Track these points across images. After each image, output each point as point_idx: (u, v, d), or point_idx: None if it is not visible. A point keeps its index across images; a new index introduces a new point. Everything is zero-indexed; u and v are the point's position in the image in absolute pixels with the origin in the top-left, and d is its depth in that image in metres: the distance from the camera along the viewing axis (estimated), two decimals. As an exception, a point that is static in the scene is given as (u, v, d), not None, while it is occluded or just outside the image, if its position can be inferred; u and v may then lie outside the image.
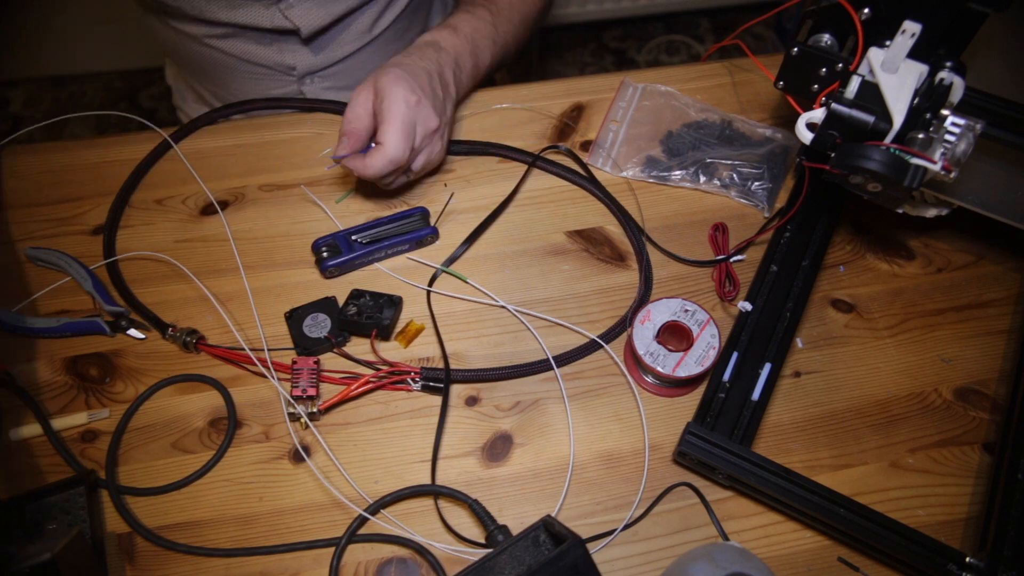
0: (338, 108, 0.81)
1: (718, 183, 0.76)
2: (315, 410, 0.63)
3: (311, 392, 0.63)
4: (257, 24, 0.84)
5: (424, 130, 0.69)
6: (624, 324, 0.68)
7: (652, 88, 0.82)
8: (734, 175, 0.76)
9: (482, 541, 0.59)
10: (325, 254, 0.71)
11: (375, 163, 0.67)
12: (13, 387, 0.65)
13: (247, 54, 0.89)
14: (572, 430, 0.64)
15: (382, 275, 0.72)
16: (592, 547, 0.59)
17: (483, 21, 0.79)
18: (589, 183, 0.76)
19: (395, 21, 0.96)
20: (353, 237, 0.71)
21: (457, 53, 0.76)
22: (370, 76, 0.69)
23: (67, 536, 0.53)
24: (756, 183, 0.76)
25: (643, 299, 0.70)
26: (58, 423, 0.64)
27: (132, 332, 0.68)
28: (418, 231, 0.72)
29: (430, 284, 0.71)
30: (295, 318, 0.67)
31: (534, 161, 0.77)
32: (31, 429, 0.63)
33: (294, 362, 0.64)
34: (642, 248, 0.72)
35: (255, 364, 0.65)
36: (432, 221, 0.74)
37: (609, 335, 0.68)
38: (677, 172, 0.76)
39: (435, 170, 0.77)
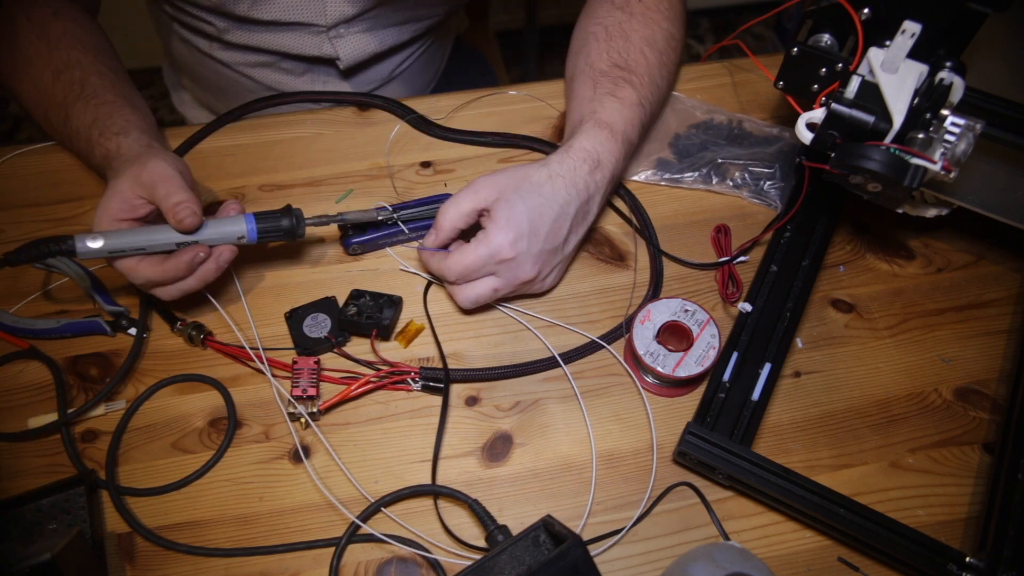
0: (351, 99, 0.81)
1: (731, 183, 0.76)
2: (315, 410, 0.63)
3: (311, 392, 0.63)
4: (300, 52, 0.84)
5: (509, 280, 0.64)
6: (628, 325, 0.68)
7: (656, 91, 0.82)
8: (746, 175, 0.76)
9: (482, 541, 0.59)
10: (350, 231, 0.71)
11: (441, 269, 0.65)
12: (42, 358, 0.66)
13: (276, 83, 0.89)
14: (590, 426, 0.64)
15: (382, 275, 0.72)
16: (595, 548, 0.59)
17: (633, 107, 0.69)
18: (620, 188, 0.76)
19: (423, 53, 0.96)
20: (379, 217, 0.71)
21: (615, 166, 0.67)
22: (490, 180, 0.64)
23: (67, 536, 0.53)
24: (768, 182, 0.76)
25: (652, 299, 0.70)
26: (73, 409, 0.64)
27: (132, 331, 0.68)
28: None
29: (427, 288, 0.71)
30: (295, 318, 0.67)
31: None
32: (47, 419, 0.64)
33: (294, 362, 0.64)
34: (658, 257, 0.72)
35: (259, 362, 0.65)
36: None
37: (611, 336, 0.68)
38: (689, 174, 0.76)
39: (436, 170, 0.78)
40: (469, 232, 0.66)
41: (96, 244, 0.59)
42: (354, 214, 0.69)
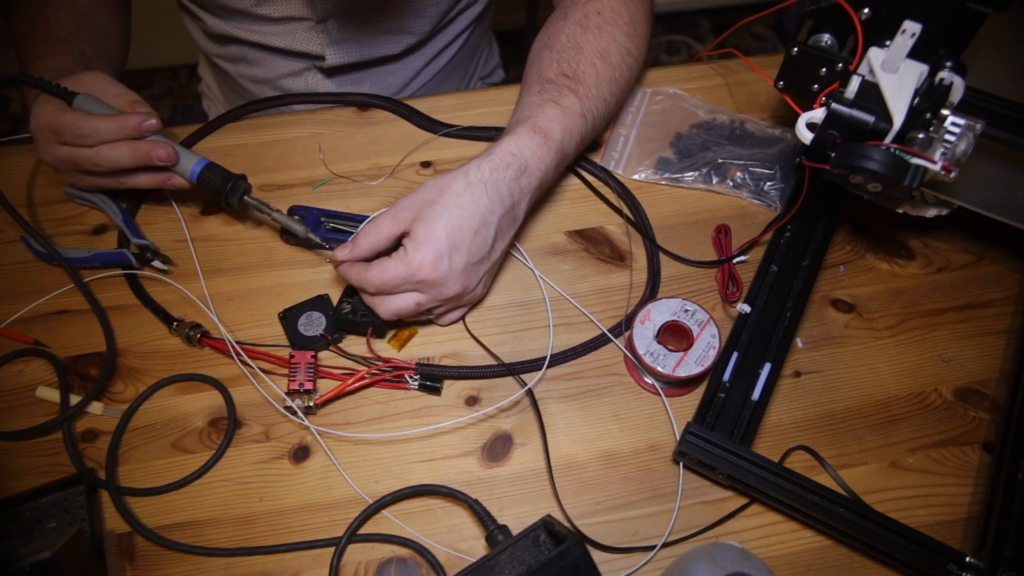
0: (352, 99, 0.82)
1: (731, 183, 0.76)
2: (312, 404, 0.63)
3: (308, 386, 0.63)
4: (289, 47, 0.86)
5: (434, 296, 0.62)
6: (629, 323, 0.68)
7: (660, 91, 0.82)
8: (746, 175, 0.76)
9: (482, 541, 0.59)
10: (284, 235, 0.72)
11: (360, 281, 0.62)
12: (46, 356, 0.67)
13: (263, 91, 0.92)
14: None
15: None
16: (623, 562, 0.59)
17: (574, 117, 0.67)
18: (613, 182, 0.76)
19: (428, 81, 0.96)
20: (322, 219, 0.72)
21: (543, 173, 0.65)
22: (409, 200, 0.61)
23: (66, 535, 0.53)
24: (768, 183, 0.76)
25: (648, 299, 0.70)
26: (76, 400, 0.64)
27: (156, 264, 0.70)
28: None
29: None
30: (289, 317, 0.67)
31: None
32: (52, 394, 0.65)
33: (292, 355, 0.64)
34: (655, 254, 0.72)
35: (259, 360, 0.65)
36: None
37: (613, 333, 0.68)
38: (690, 174, 0.76)
39: (436, 170, 0.77)
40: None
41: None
42: (284, 219, 0.67)
